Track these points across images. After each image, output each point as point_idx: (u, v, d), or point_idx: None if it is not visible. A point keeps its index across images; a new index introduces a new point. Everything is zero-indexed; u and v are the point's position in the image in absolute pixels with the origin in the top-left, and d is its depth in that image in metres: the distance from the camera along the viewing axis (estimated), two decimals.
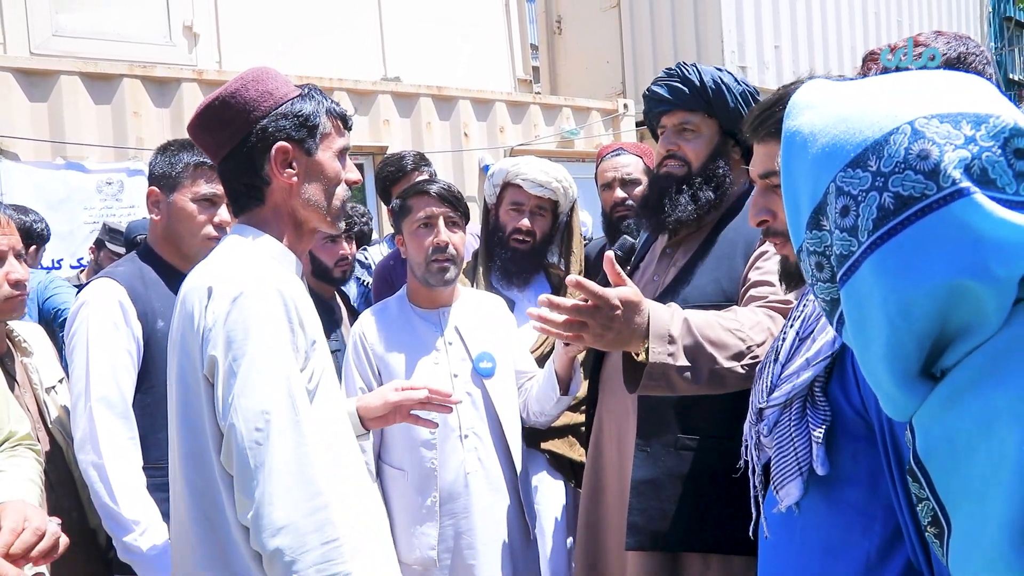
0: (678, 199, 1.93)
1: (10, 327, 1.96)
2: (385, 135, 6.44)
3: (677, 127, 1.99)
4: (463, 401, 2.16)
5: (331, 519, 1.32)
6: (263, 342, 1.34)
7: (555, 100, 7.77)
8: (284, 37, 6.72)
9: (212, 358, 1.35)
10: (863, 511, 1.17)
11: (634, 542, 1.84)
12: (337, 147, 1.52)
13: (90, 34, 5.94)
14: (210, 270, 1.44)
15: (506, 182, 2.58)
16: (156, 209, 2.09)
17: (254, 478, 1.30)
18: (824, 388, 1.19)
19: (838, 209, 0.86)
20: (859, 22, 9.89)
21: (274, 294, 1.37)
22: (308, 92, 1.50)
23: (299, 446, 1.32)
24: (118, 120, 5.31)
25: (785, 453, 1.21)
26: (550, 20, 10.02)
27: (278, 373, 1.34)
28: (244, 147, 1.46)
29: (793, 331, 1.24)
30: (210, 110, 1.47)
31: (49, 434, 1.93)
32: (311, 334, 1.44)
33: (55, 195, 4.97)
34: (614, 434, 2.02)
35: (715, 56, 8.43)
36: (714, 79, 1.94)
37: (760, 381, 1.29)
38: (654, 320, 1.52)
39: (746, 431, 1.35)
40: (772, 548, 1.31)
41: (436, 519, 2.12)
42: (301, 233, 1.53)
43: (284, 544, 1.28)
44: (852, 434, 1.17)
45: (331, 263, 2.73)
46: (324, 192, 1.51)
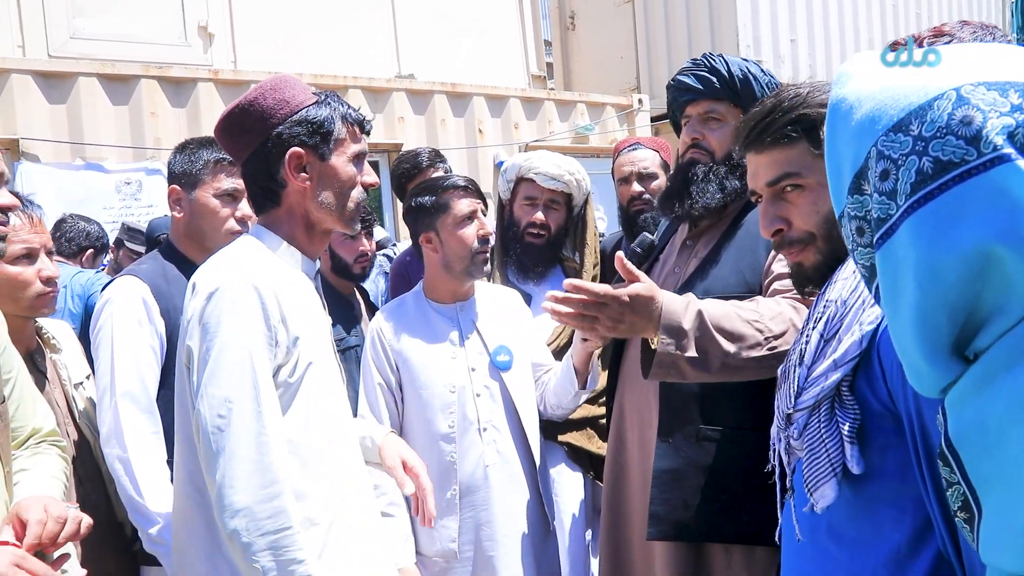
0: (704, 186, 1.94)
1: (39, 324, 1.99)
2: (400, 132, 6.46)
3: (703, 116, 1.99)
4: (481, 395, 2.17)
5: (285, 508, 1.40)
6: (233, 334, 1.43)
7: (569, 96, 7.76)
8: (298, 36, 6.76)
9: (189, 348, 1.47)
10: (893, 504, 1.17)
11: (656, 532, 1.85)
12: (352, 152, 1.60)
13: (107, 36, 6.01)
14: (203, 267, 1.55)
15: (519, 177, 2.59)
16: (178, 207, 2.12)
17: (216, 461, 1.40)
18: (851, 386, 1.19)
19: (878, 173, 0.86)
20: (876, 14, 9.79)
21: (250, 290, 1.46)
22: (324, 99, 1.59)
23: (259, 435, 1.41)
24: (135, 120, 5.37)
25: (817, 455, 1.21)
26: (563, 16, 10.00)
27: (244, 364, 1.43)
28: (262, 152, 1.56)
29: (816, 333, 1.23)
30: (231, 117, 1.58)
31: (78, 429, 1.96)
32: (295, 330, 1.51)
33: (75, 196, 5.04)
34: (636, 426, 2.03)
35: (731, 50, 8.38)
36: (742, 69, 1.96)
37: (785, 386, 1.28)
38: (666, 312, 1.58)
39: (773, 435, 1.34)
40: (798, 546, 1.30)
41: (456, 512, 2.13)
42: (314, 234, 1.63)
43: (240, 526, 1.38)
44: (880, 428, 1.17)
45: (350, 259, 2.74)
46: (338, 195, 1.59)
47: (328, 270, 2.78)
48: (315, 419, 1.54)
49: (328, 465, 1.56)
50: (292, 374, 1.51)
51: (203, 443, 1.42)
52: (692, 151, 2.00)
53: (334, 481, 1.56)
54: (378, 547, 1.66)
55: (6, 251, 1.65)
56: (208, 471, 1.42)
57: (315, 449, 1.53)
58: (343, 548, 1.54)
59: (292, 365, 1.50)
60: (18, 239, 1.82)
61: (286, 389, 1.50)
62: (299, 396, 1.52)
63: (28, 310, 1.85)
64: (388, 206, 6.55)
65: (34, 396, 1.69)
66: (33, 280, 1.84)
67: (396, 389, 2.20)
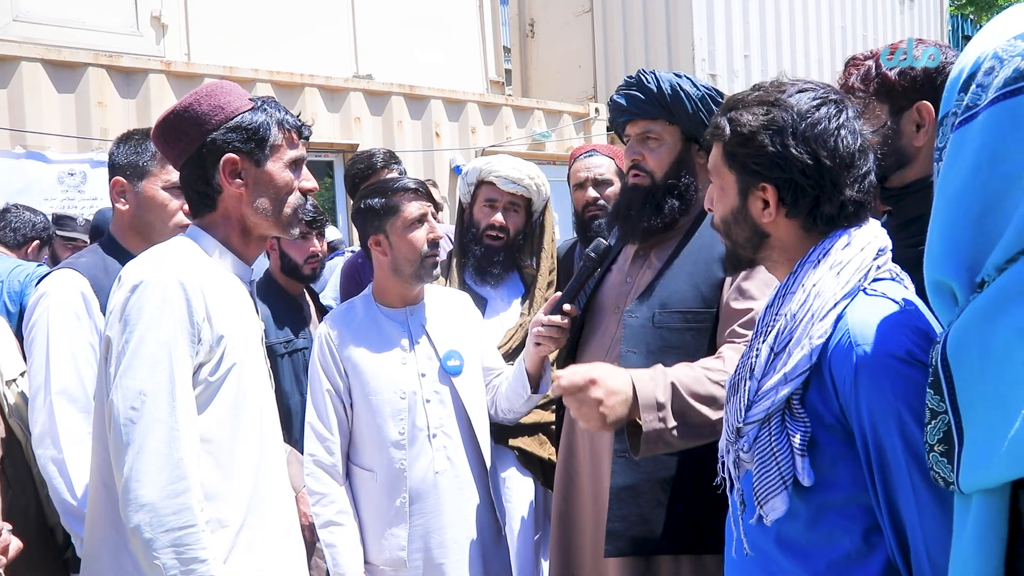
0: (644, 210, 1.96)
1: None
2: (356, 133, 6.40)
3: (640, 136, 1.99)
4: (431, 400, 2.15)
5: (191, 505, 1.40)
6: (153, 328, 1.43)
7: (527, 103, 7.79)
8: (255, 31, 6.64)
9: (108, 339, 1.46)
10: (841, 512, 1.20)
11: (613, 549, 1.83)
12: (288, 158, 1.61)
13: (54, 20, 5.80)
14: (132, 262, 1.54)
15: (480, 180, 2.59)
16: (122, 199, 2.05)
17: (125, 454, 1.39)
18: (802, 399, 1.21)
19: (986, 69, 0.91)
20: (826, 35, 10.10)
21: (175, 285, 1.46)
22: (260, 105, 1.60)
23: (171, 429, 1.41)
24: (82, 110, 5.20)
25: (768, 468, 1.23)
26: (523, 23, 10.05)
27: (162, 358, 1.42)
28: (197, 158, 1.57)
29: (767, 346, 1.25)
30: (167, 122, 1.59)
31: (7, 428, 1.88)
32: (220, 329, 1.51)
33: (13, 185, 4.85)
34: (586, 437, 2.02)
35: (686, 63, 8.53)
36: (672, 86, 1.93)
37: (735, 399, 1.30)
38: (640, 391, 1.59)
39: (722, 448, 1.36)
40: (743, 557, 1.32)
41: (406, 519, 2.10)
42: (250, 239, 1.64)
43: (143, 521, 1.37)
44: (832, 440, 1.20)
45: (300, 260, 2.70)
46: (274, 201, 1.60)
47: (278, 270, 2.73)
48: (235, 420, 1.54)
49: (244, 467, 1.55)
50: (214, 373, 1.50)
51: (113, 435, 1.41)
52: (633, 174, 2.01)
53: (249, 484, 1.55)
54: (292, 554, 1.66)
55: None
56: (116, 464, 1.41)
57: (232, 450, 1.53)
58: (253, 551, 1.54)
59: (214, 364, 1.50)
60: None
61: (206, 387, 1.50)
62: (219, 395, 1.52)
63: None
64: (342, 207, 6.47)
65: None
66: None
67: (345, 395, 2.16)
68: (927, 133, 1.53)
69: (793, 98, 1.29)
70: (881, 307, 1.19)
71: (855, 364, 1.15)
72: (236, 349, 1.55)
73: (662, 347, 1.85)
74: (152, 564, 1.38)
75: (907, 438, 1.11)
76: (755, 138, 1.28)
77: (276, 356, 2.56)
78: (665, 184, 1.95)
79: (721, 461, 1.37)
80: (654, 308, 1.88)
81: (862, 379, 1.14)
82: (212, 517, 1.47)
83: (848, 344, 1.16)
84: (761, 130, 1.28)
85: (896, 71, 1.53)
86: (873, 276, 1.23)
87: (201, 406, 1.49)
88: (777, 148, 1.26)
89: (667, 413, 1.60)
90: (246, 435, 1.56)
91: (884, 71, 1.53)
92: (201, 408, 1.49)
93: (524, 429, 2.43)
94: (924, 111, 1.52)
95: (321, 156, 6.38)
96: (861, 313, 1.18)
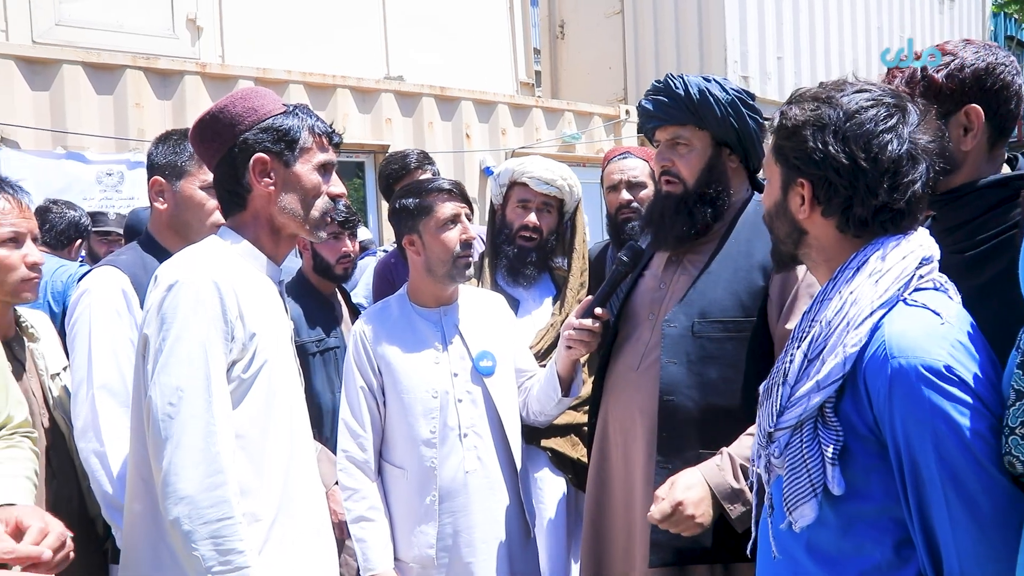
0: (676, 219, 1.94)
1: (18, 312, 1.95)
2: (387, 134, 6.44)
3: (670, 142, 1.97)
4: (463, 400, 2.15)
5: (228, 498, 1.44)
6: (189, 326, 1.47)
7: (557, 104, 7.78)
8: (288, 34, 6.72)
9: (146, 337, 1.51)
10: (873, 524, 1.19)
11: (657, 559, 1.83)
12: (317, 161, 1.65)
13: (93, 24, 5.93)
14: (167, 262, 1.59)
15: (512, 181, 2.59)
16: (161, 198, 2.09)
17: (164, 448, 1.43)
18: (835, 407, 1.20)
19: None
20: (862, 35, 9.95)
21: (209, 285, 1.50)
22: (292, 110, 1.65)
23: (207, 424, 1.44)
24: (120, 111, 5.30)
25: (798, 474, 1.22)
26: (553, 25, 10.04)
27: (198, 355, 1.46)
28: (229, 157, 1.62)
29: (800, 352, 1.24)
30: (203, 123, 1.64)
31: (52, 420, 1.92)
32: (252, 327, 1.55)
33: (54, 185, 4.95)
34: (619, 441, 2.01)
35: (718, 65, 8.46)
36: (700, 90, 1.90)
37: (768, 403, 1.29)
38: (716, 489, 1.69)
39: (753, 452, 1.35)
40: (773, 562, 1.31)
41: (435, 517, 2.11)
42: (279, 238, 1.68)
43: (182, 514, 1.41)
44: (865, 451, 1.18)
45: (333, 260, 2.72)
46: (301, 202, 1.64)
47: (310, 270, 2.76)
48: (266, 417, 1.57)
49: (276, 463, 1.58)
50: (246, 370, 1.54)
51: (152, 430, 1.45)
52: (665, 180, 1.99)
53: (280, 481, 1.58)
54: (323, 552, 1.68)
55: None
56: (155, 458, 1.44)
57: (264, 446, 1.56)
58: (285, 546, 1.57)
59: (247, 361, 1.54)
60: (6, 222, 1.80)
61: (239, 384, 1.53)
62: (252, 392, 1.55)
63: (10, 295, 1.82)
64: (373, 207, 6.52)
65: (7, 384, 1.66)
66: (18, 265, 1.81)
67: (378, 392, 2.18)
68: (975, 137, 1.48)
69: (847, 97, 1.27)
70: (920, 319, 1.16)
71: (890, 377, 1.13)
72: (267, 347, 1.58)
73: (702, 357, 1.83)
74: (191, 556, 1.41)
75: (942, 454, 1.10)
76: (798, 132, 1.28)
77: (308, 355, 2.58)
78: (697, 191, 1.93)
79: (752, 464, 1.36)
80: (693, 317, 1.86)
81: (896, 393, 1.12)
82: (248, 511, 1.50)
83: (884, 356, 1.15)
84: (805, 125, 1.27)
85: (943, 73, 1.48)
86: (915, 286, 1.21)
87: (234, 403, 1.52)
88: (817, 144, 1.25)
89: (745, 494, 1.68)
90: (276, 432, 1.59)
91: (930, 74, 1.49)
92: (234, 404, 1.52)
93: (556, 430, 2.43)
94: (973, 114, 1.47)
95: (352, 157, 6.43)
96: (899, 324, 1.16)
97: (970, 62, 1.47)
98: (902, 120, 1.25)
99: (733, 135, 1.93)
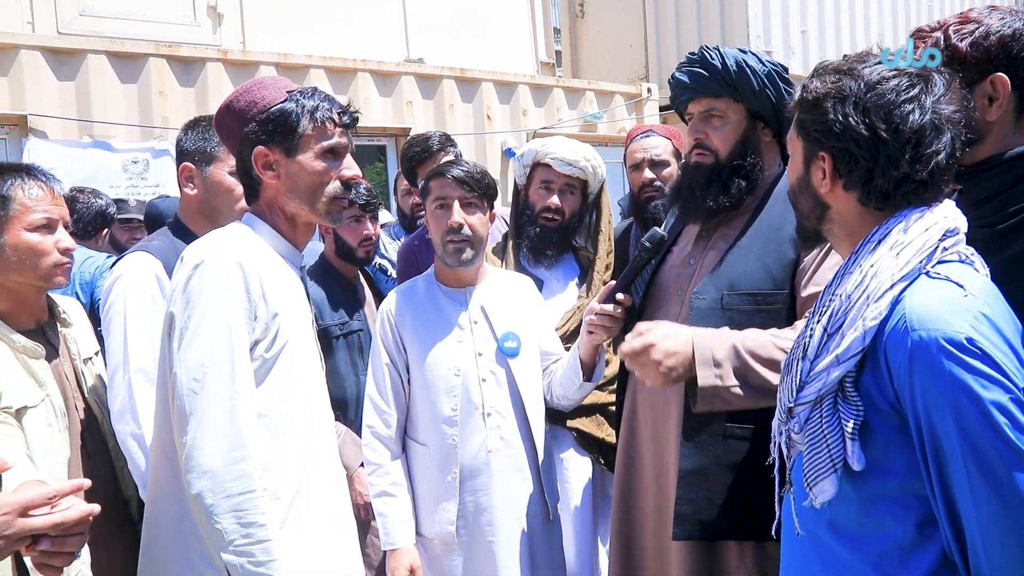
0: (709, 190, 1.91)
1: (51, 298, 1.99)
2: (408, 117, 6.44)
3: (704, 114, 1.95)
4: (487, 380, 2.17)
5: (250, 472, 1.45)
6: (214, 304, 1.50)
7: (578, 84, 7.73)
8: (308, 19, 6.73)
9: (171, 315, 1.53)
10: (895, 500, 1.17)
11: (681, 531, 1.83)
12: (321, 147, 1.64)
13: (116, 14, 5.98)
14: (193, 243, 1.62)
15: (536, 162, 2.59)
16: (191, 184, 2.11)
17: (188, 423, 1.45)
18: (855, 382, 1.18)
19: None
20: (888, 6, 9.73)
21: (233, 265, 1.52)
22: (293, 96, 1.63)
23: (231, 400, 1.47)
24: (144, 99, 5.35)
25: (818, 449, 1.21)
26: (573, 4, 9.94)
27: (221, 333, 1.49)
28: (238, 151, 1.66)
29: (820, 326, 1.23)
30: (217, 118, 1.69)
31: (86, 403, 1.96)
32: (274, 307, 1.57)
33: (81, 173, 5.02)
34: (649, 419, 2.01)
35: (740, 40, 8.33)
36: (737, 62, 1.88)
37: (788, 379, 1.28)
38: (698, 349, 1.65)
39: (774, 428, 1.34)
40: (797, 539, 1.30)
41: (456, 495, 2.14)
42: (295, 225, 1.70)
43: (205, 488, 1.43)
44: (886, 426, 1.17)
45: (355, 243, 2.74)
46: (307, 189, 1.64)
47: (332, 254, 2.78)
48: (288, 396, 1.59)
49: (296, 442, 1.60)
50: (269, 349, 1.56)
51: (176, 406, 1.48)
52: (696, 152, 1.97)
53: (300, 461, 1.60)
54: (342, 533, 1.70)
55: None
56: (179, 433, 1.47)
57: (284, 425, 1.58)
58: (305, 524, 1.59)
59: (270, 340, 1.57)
60: (39, 209, 1.83)
61: (262, 363, 1.56)
62: (274, 372, 1.57)
63: (43, 280, 1.86)
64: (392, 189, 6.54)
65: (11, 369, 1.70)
66: (51, 250, 1.85)
67: (403, 369, 2.21)
68: (1000, 107, 1.43)
69: (868, 68, 1.25)
70: (943, 291, 1.14)
71: (910, 350, 1.11)
72: (289, 328, 1.61)
73: None
74: (214, 529, 1.44)
75: (963, 428, 1.08)
76: (819, 105, 1.26)
77: (331, 338, 2.61)
78: (730, 163, 1.91)
79: (773, 441, 1.35)
80: (722, 290, 1.85)
81: (917, 366, 1.11)
82: (267, 488, 1.52)
83: (904, 328, 1.12)
84: (826, 97, 1.25)
85: (968, 42, 1.44)
86: (938, 258, 1.18)
87: (257, 381, 1.55)
88: (837, 116, 1.23)
89: (725, 371, 1.63)
90: (298, 410, 1.61)
91: (954, 42, 1.45)
92: (257, 383, 1.55)
93: (582, 410, 2.43)
94: (999, 83, 1.42)
95: (374, 140, 6.44)
96: (920, 296, 1.14)
97: (995, 29, 1.43)
98: (925, 90, 1.22)
99: (769, 108, 1.91)
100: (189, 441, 1.45)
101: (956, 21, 1.49)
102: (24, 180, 1.83)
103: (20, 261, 1.81)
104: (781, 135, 1.97)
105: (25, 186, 1.82)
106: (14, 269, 1.81)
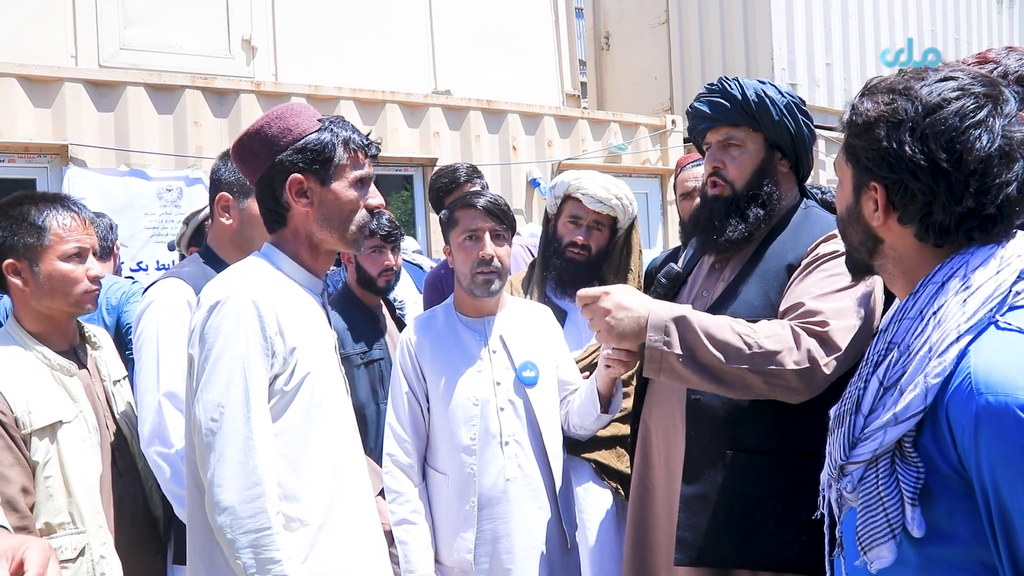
0: (728, 221, 1.92)
1: (81, 323, 2.07)
2: (435, 147, 6.54)
3: (722, 143, 1.96)
4: (505, 409, 2.19)
5: (266, 509, 1.50)
6: (229, 345, 1.53)
7: (603, 115, 7.80)
8: (338, 51, 6.90)
9: (190, 356, 1.59)
10: (960, 567, 1.06)
11: (683, 557, 1.82)
12: (353, 176, 1.68)
13: (155, 47, 6.20)
14: (210, 283, 1.66)
15: (567, 195, 2.59)
16: (227, 214, 2.16)
17: (208, 460, 1.51)
18: (915, 442, 1.07)
19: None
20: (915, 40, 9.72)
21: (248, 304, 1.55)
22: (327, 126, 1.66)
23: (247, 439, 1.51)
24: (179, 129, 5.50)
25: (874, 512, 1.10)
26: (598, 36, 10.06)
27: (237, 373, 1.52)
28: (267, 177, 1.66)
29: (876, 379, 1.12)
30: (241, 143, 1.69)
31: (116, 423, 2.02)
32: (292, 341, 1.60)
33: (118, 201, 5.16)
34: (662, 447, 2.01)
35: (765, 73, 8.37)
36: (757, 92, 1.90)
37: (839, 432, 1.16)
38: (652, 313, 1.70)
39: (823, 482, 1.25)
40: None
41: (474, 524, 2.14)
42: (318, 253, 1.72)
43: (225, 523, 1.48)
44: (948, 490, 1.05)
45: (375, 273, 2.78)
46: (339, 218, 1.67)
47: (355, 283, 2.83)
48: (309, 425, 1.62)
49: (323, 469, 1.63)
50: (288, 382, 1.60)
51: (198, 443, 1.53)
52: (711, 183, 1.98)
53: (328, 487, 1.63)
54: (374, 558, 1.72)
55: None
56: (202, 469, 1.53)
57: (309, 454, 1.61)
58: (334, 549, 1.61)
59: (288, 374, 1.60)
60: (72, 239, 1.91)
61: (282, 396, 1.59)
62: (295, 403, 1.61)
63: (74, 306, 1.93)
64: (421, 219, 6.63)
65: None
66: (82, 278, 1.92)
67: (423, 398, 2.23)
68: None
69: (928, 87, 1.11)
70: (1014, 346, 1.01)
71: (975, 414, 0.99)
72: (309, 359, 1.63)
73: None
74: (235, 563, 1.49)
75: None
76: (871, 130, 1.13)
77: (353, 367, 2.63)
78: (747, 193, 1.92)
79: (823, 495, 1.26)
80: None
81: (984, 433, 0.99)
82: (294, 516, 1.56)
83: (969, 389, 1.00)
84: (878, 121, 1.12)
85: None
86: (1010, 303, 1.05)
87: (278, 413, 1.58)
88: (891, 144, 1.10)
89: (673, 339, 1.67)
90: (320, 439, 1.64)
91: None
92: (278, 415, 1.58)
93: (602, 443, 2.43)
94: None
95: (401, 170, 6.55)
96: (988, 352, 1.02)
97: (1013, 69, 1.42)
98: (994, 111, 1.08)
99: (787, 138, 1.92)
100: (209, 478, 1.50)
101: (974, 61, 1.47)
102: (58, 211, 1.91)
103: (53, 288, 1.89)
104: (798, 166, 1.99)
105: (59, 216, 1.90)
106: (47, 296, 1.89)
